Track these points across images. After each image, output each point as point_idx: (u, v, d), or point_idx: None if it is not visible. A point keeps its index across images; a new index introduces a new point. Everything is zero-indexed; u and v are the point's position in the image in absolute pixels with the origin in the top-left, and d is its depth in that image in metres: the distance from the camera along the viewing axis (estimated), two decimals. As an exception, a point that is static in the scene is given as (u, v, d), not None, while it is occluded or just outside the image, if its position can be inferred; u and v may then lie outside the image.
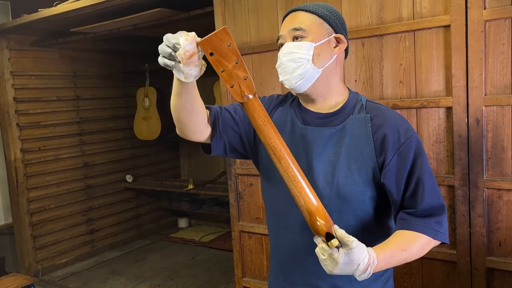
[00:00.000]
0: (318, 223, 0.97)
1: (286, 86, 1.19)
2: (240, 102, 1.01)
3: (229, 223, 2.72)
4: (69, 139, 4.16)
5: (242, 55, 0.97)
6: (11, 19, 3.80)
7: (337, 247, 0.95)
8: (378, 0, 2.00)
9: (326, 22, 1.17)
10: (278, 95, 1.33)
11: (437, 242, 1.14)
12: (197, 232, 4.85)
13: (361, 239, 1.12)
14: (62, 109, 4.11)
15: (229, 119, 1.25)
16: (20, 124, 3.79)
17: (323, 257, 0.96)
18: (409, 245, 1.09)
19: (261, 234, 2.51)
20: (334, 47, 1.19)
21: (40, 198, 3.94)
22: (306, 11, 1.18)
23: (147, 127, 4.57)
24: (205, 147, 1.27)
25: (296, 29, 1.16)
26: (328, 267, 0.97)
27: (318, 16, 1.17)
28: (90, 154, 4.35)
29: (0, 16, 3.88)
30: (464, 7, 1.79)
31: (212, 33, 0.92)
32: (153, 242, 4.72)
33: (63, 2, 3.16)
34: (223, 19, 2.47)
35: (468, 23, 1.79)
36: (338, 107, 1.20)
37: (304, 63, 1.14)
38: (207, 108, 1.23)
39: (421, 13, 1.91)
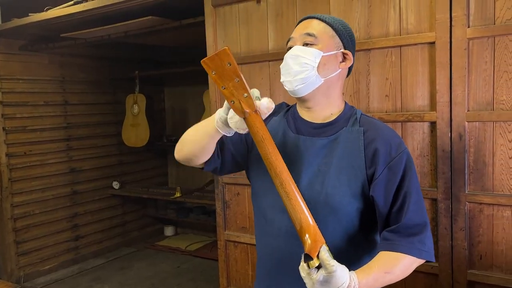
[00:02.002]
0: (306, 238, 0.98)
1: (285, 88, 1.22)
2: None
3: (215, 232, 2.72)
4: (56, 144, 4.13)
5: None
6: (1, 23, 3.79)
7: (318, 267, 0.96)
8: (366, 15, 2.04)
9: (338, 36, 1.21)
10: None
11: (422, 261, 1.14)
12: (183, 241, 4.82)
13: (347, 251, 1.14)
14: (50, 114, 4.08)
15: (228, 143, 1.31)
16: (6, 128, 3.75)
17: (303, 274, 0.98)
18: (392, 267, 1.09)
19: (247, 244, 2.51)
20: (340, 62, 1.22)
21: (24, 203, 3.90)
22: (322, 20, 1.21)
23: (135, 134, 4.56)
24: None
25: (309, 35, 1.18)
26: (307, 285, 0.98)
27: (332, 28, 1.20)
28: (77, 160, 4.32)
29: (-10, 20, 3.86)
30: (449, 25, 1.84)
31: (213, 54, 0.99)
32: (139, 250, 4.68)
33: (54, 7, 3.16)
34: (214, 29, 2.49)
35: (452, 40, 1.84)
36: (333, 118, 1.23)
37: (308, 69, 1.16)
38: None
39: (407, 30, 1.95)
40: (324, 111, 1.23)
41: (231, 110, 1.06)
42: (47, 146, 4.06)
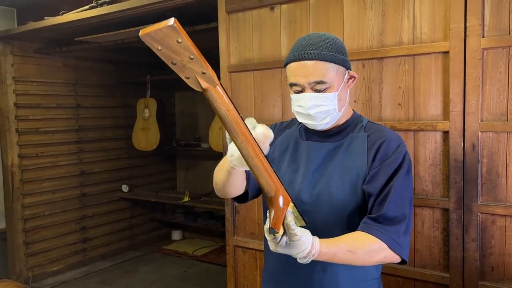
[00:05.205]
0: (271, 212, 0.99)
1: (308, 126, 1.28)
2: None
3: (222, 237, 2.72)
4: (67, 147, 4.17)
5: (244, 71, 0.95)
6: (16, 26, 3.85)
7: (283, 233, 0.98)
8: (380, 23, 2.04)
9: (341, 66, 1.22)
10: (282, 122, 1.44)
11: (394, 256, 1.15)
12: (190, 245, 4.82)
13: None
14: (62, 116, 4.13)
15: None
16: (19, 129, 3.80)
17: (268, 238, 1.00)
18: (358, 248, 1.11)
19: (256, 250, 2.50)
20: (347, 82, 1.26)
21: (35, 204, 3.93)
22: (325, 61, 1.18)
23: (146, 137, 4.59)
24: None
25: (318, 83, 1.18)
26: (270, 246, 1.00)
27: (334, 63, 1.19)
28: (87, 162, 4.36)
29: (6, 22, 3.92)
30: (463, 34, 1.83)
31: (155, 28, 0.78)
32: (146, 253, 4.69)
33: (69, 11, 3.20)
34: (227, 36, 2.51)
35: (466, 50, 1.83)
36: (341, 125, 1.30)
37: (331, 113, 1.23)
38: None
39: (421, 39, 1.95)
40: (335, 123, 1.29)
41: (230, 147, 1.04)
42: (58, 148, 4.10)
